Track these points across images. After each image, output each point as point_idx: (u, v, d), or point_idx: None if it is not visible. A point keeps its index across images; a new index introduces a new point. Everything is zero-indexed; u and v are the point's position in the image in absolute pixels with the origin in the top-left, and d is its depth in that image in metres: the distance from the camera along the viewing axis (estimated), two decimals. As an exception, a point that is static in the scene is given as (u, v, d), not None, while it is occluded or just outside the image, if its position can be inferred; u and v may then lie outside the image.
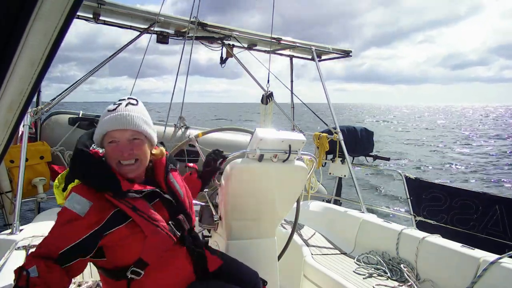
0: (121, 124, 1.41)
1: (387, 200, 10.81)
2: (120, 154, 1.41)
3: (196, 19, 3.91)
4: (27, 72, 0.58)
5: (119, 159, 1.42)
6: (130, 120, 1.42)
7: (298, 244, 2.98)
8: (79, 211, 1.31)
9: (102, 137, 1.44)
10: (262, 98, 4.81)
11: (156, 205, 1.48)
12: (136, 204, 1.40)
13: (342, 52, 5.09)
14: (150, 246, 1.41)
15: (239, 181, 2.03)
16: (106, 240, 1.36)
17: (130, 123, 1.42)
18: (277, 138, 2.04)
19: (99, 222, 1.33)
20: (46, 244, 1.30)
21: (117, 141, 1.42)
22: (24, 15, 0.50)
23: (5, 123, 0.64)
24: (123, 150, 1.41)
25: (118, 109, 1.44)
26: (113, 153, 1.42)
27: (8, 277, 1.75)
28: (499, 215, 3.84)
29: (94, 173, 1.41)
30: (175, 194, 1.58)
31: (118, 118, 1.42)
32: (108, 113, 1.44)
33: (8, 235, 2.33)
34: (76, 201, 1.33)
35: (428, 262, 2.56)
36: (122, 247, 1.40)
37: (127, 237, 1.38)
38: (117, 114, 1.42)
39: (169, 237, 1.45)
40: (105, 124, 1.42)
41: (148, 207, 1.43)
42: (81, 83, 3.87)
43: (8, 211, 3.64)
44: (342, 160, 4.67)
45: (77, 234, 1.30)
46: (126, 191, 1.39)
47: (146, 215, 1.40)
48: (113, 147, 1.42)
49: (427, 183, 4.65)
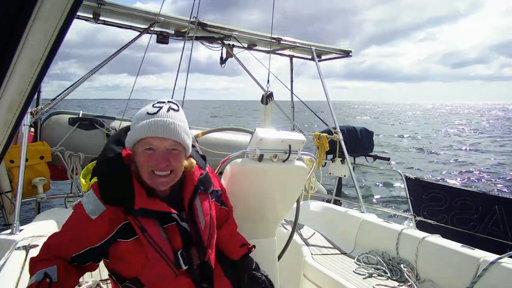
0: (162, 132, 1.27)
1: (387, 200, 10.81)
2: (156, 164, 1.29)
3: (196, 19, 3.91)
4: (27, 72, 0.58)
5: (154, 169, 1.30)
6: (173, 129, 1.29)
7: (298, 244, 2.98)
8: (90, 213, 1.27)
9: (137, 141, 1.31)
10: (262, 98, 4.80)
11: (170, 229, 1.35)
12: (146, 225, 1.29)
13: (342, 52, 5.09)
14: (149, 270, 1.32)
15: (239, 181, 2.03)
16: (112, 248, 1.33)
17: (172, 133, 1.29)
18: (277, 138, 2.04)
19: (109, 232, 1.28)
20: (58, 245, 1.30)
21: (155, 149, 1.30)
22: (24, 15, 0.50)
23: (5, 123, 0.64)
24: (161, 160, 1.29)
25: (159, 114, 1.30)
26: (148, 162, 1.29)
27: (8, 277, 1.75)
28: (499, 215, 3.84)
29: (111, 182, 1.30)
30: (196, 222, 1.41)
31: (160, 124, 1.27)
32: (147, 116, 1.30)
33: (8, 235, 2.33)
34: (91, 201, 1.29)
35: (428, 262, 2.56)
36: (124, 260, 1.35)
37: (130, 253, 1.32)
38: (159, 120, 1.28)
39: (171, 269, 1.32)
40: (144, 128, 1.27)
41: (158, 231, 1.31)
42: (81, 83, 3.87)
43: (8, 211, 3.64)
44: (342, 160, 4.67)
45: (89, 240, 1.28)
46: (138, 209, 1.28)
47: (153, 240, 1.29)
48: (149, 155, 1.29)
49: (427, 183, 4.65)
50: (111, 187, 1.30)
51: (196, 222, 1.42)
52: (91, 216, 1.27)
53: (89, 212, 1.27)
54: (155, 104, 1.34)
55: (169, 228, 1.35)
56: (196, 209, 1.43)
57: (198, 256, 1.40)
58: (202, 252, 1.42)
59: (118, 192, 1.29)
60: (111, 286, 1.50)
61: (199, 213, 1.43)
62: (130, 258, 1.33)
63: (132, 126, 1.35)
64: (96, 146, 4.39)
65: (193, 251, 1.39)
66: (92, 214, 1.27)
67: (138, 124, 1.30)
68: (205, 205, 1.48)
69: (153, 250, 1.30)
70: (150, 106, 1.34)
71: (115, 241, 1.30)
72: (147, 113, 1.31)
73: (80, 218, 1.29)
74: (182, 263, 1.35)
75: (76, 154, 4.12)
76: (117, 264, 1.37)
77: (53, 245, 1.30)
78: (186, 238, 1.38)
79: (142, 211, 1.29)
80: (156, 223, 1.32)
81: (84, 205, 1.30)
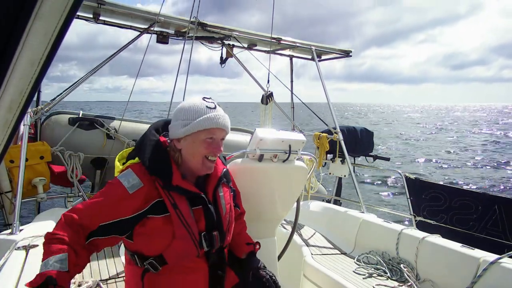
0: (223, 125, 1.49)
1: (387, 200, 10.81)
2: (214, 151, 1.48)
3: (196, 19, 3.91)
4: (27, 72, 0.58)
5: (210, 155, 1.48)
6: (228, 124, 1.52)
7: (298, 244, 2.98)
8: (128, 188, 1.37)
9: (199, 131, 1.45)
10: (262, 98, 4.81)
11: (197, 212, 1.47)
12: (178, 202, 1.41)
13: (342, 52, 5.09)
14: (174, 248, 1.41)
15: (239, 181, 2.03)
16: (140, 224, 1.39)
17: (228, 126, 1.52)
18: (277, 138, 2.04)
19: (143, 207, 1.38)
20: (87, 213, 1.35)
21: (214, 138, 1.49)
22: (24, 15, 0.50)
23: (5, 123, 0.64)
24: (217, 149, 1.49)
25: (218, 110, 1.49)
26: (208, 149, 1.47)
27: (8, 277, 1.75)
28: (499, 215, 3.84)
29: (155, 157, 1.44)
30: (218, 208, 1.54)
31: (222, 118, 1.48)
32: (209, 110, 1.47)
33: (8, 235, 2.33)
34: (129, 177, 1.39)
35: (428, 262, 2.56)
36: (150, 237, 1.41)
37: (158, 229, 1.40)
38: (221, 115, 1.49)
39: (195, 247, 1.43)
40: (210, 120, 1.45)
41: (188, 210, 1.43)
42: (81, 83, 3.87)
43: (8, 211, 3.64)
44: (342, 160, 4.67)
45: (122, 212, 1.36)
46: (175, 185, 1.41)
47: (183, 216, 1.41)
48: (210, 142, 1.47)
49: (427, 183, 4.65)
50: (154, 161, 1.43)
51: (219, 208, 1.54)
52: (129, 191, 1.37)
53: (128, 187, 1.37)
54: (206, 99, 1.51)
55: (196, 210, 1.46)
56: (219, 196, 1.57)
57: (219, 240, 1.50)
58: (223, 237, 1.52)
59: (163, 165, 1.44)
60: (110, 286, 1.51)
61: (221, 201, 1.57)
62: (158, 235, 1.41)
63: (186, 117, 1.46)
64: (96, 146, 4.39)
65: (215, 235, 1.49)
66: (130, 189, 1.37)
67: (203, 116, 1.45)
68: (227, 194, 1.62)
69: (182, 226, 1.40)
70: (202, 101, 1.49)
71: (146, 216, 1.38)
72: (207, 107, 1.48)
73: (117, 191, 1.37)
74: (205, 244, 1.46)
75: (76, 154, 4.12)
76: (143, 242, 1.43)
77: (81, 211, 1.35)
78: (210, 222, 1.49)
79: (177, 188, 1.41)
80: (187, 203, 1.44)
81: (122, 181, 1.39)
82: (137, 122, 4.93)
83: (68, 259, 1.26)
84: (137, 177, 1.40)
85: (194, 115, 1.46)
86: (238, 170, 2.02)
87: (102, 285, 2.25)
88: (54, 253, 1.26)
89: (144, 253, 1.45)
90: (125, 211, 1.36)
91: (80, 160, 4.14)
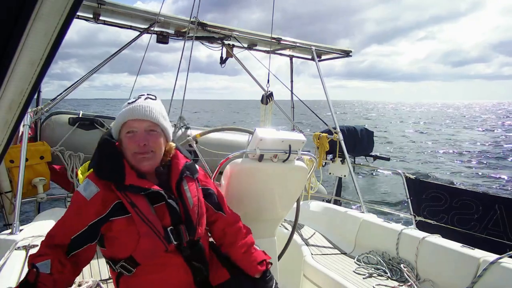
0: (140, 114, 1.46)
1: (387, 200, 10.81)
2: (137, 145, 1.45)
3: (196, 19, 3.91)
4: (27, 72, 0.58)
5: (136, 150, 1.46)
6: (149, 112, 1.47)
7: (298, 244, 2.98)
8: (86, 196, 1.40)
9: (120, 127, 1.49)
10: (262, 98, 4.81)
11: (159, 208, 1.46)
12: (136, 201, 1.41)
13: (342, 52, 5.09)
14: (142, 247, 1.41)
15: (239, 181, 2.03)
16: (105, 228, 1.42)
17: (149, 115, 1.47)
18: (277, 138, 2.04)
19: (104, 210, 1.39)
20: (58, 230, 1.40)
21: (135, 131, 1.47)
22: (24, 15, 0.50)
23: (5, 123, 0.64)
24: (140, 140, 1.45)
25: (137, 102, 1.50)
26: (130, 143, 1.46)
27: (8, 277, 1.75)
28: (499, 215, 3.84)
29: (104, 162, 1.47)
30: (185, 202, 1.52)
31: (137, 108, 1.47)
32: (127, 105, 1.50)
33: (8, 235, 2.33)
34: (86, 187, 1.43)
35: (428, 262, 2.56)
36: (118, 239, 1.44)
37: (123, 230, 1.41)
38: (137, 105, 1.48)
39: (161, 243, 1.42)
40: (124, 113, 1.47)
41: (147, 207, 1.42)
42: (81, 82, 3.87)
43: (8, 211, 3.64)
44: (342, 160, 4.67)
45: (85, 219, 1.38)
46: (128, 185, 1.41)
47: (143, 214, 1.40)
48: (130, 136, 1.46)
49: (427, 183, 4.65)
50: (104, 166, 1.46)
51: (185, 202, 1.52)
52: (86, 197, 1.40)
53: (85, 195, 1.41)
54: (138, 96, 1.54)
55: (158, 207, 1.46)
56: (183, 190, 1.54)
57: (187, 234, 1.48)
58: (192, 230, 1.50)
59: (111, 168, 1.45)
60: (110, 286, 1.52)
61: (187, 195, 1.54)
62: (123, 236, 1.43)
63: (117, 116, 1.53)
64: (96, 146, 4.39)
65: (181, 228, 1.48)
66: (87, 196, 1.40)
67: (120, 112, 1.50)
68: (192, 187, 1.58)
69: (144, 224, 1.40)
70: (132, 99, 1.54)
71: (109, 220, 1.41)
72: (128, 103, 1.51)
73: (77, 201, 1.41)
74: (172, 238, 1.44)
75: (76, 154, 4.11)
76: (112, 246, 1.46)
77: (54, 232, 1.40)
78: (175, 216, 1.48)
79: (132, 187, 1.42)
80: (146, 201, 1.43)
81: (80, 191, 1.43)
82: None
83: (51, 264, 1.30)
84: (93, 184, 1.42)
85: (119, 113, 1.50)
86: (238, 170, 2.02)
87: (102, 285, 2.25)
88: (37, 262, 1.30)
89: (116, 257, 1.46)
90: (87, 218, 1.38)
91: (80, 160, 4.13)
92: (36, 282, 1.23)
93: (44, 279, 1.25)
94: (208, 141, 3.49)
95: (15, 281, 1.71)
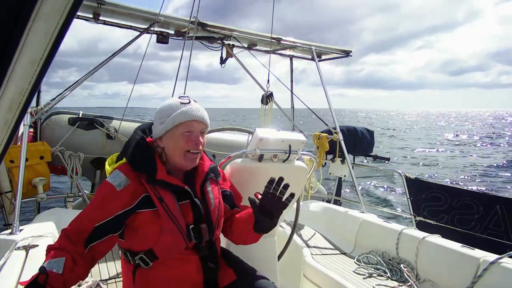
0: (199, 117, 1.52)
1: (387, 200, 10.81)
2: (193, 144, 1.50)
3: (196, 19, 3.91)
4: (27, 72, 0.58)
5: (191, 148, 1.50)
6: (205, 115, 1.55)
7: (298, 244, 2.98)
8: (116, 186, 1.43)
9: (173, 125, 1.49)
10: (262, 98, 4.81)
11: (184, 206, 1.50)
12: (164, 196, 1.45)
13: (342, 52, 5.09)
14: (163, 241, 1.44)
15: (239, 181, 2.03)
16: (130, 220, 1.44)
17: (205, 118, 1.55)
18: (277, 138, 2.04)
19: (131, 202, 1.42)
20: (82, 218, 1.42)
21: (192, 131, 1.51)
22: (24, 15, 0.50)
23: (5, 123, 0.64)
24: (198, 140, 1.51)
25: (192, 103, 1.54)
26: (187, 142, 1.49)
27: (8, 277, 1.74)
28: (500, 215, 3.83)
29: (138, 155, 1.49)
30: (207, 203, 1.57)
31: (196, 111, 1.52)
32: (183, 105, 1.52)
33: (8, 235, 2.33)
34: (117, 177, 1.45)
35: (428, 262, 2.56)
36: (140, 231, 1.46)
37: (147, 223, 1.44)
38: (195, 107, 1.53)
39: (183, 239, 1.46)
40: (184, 114, 1.49)
41: (174, 203, 1.46)
42: (81, 83, 3.87)
43: (8, 211, 3.64)
44: (342, 160, 4.67)
45: (113, 209, 1.41)
46: (158, 179, 1.45)
47: (169, 209, 1.44)
48: (188, 136, 1.50)
49: (427, 183, 4.65)
50: (138, 158, 1.49)
51: (207, 203, 1.57)
52: (116, 188, 1.42)
53: (115, 185, 1.43)
54: (181, 97, 1.56)
55: (183, 205, 1.50)
56: (207, 191, 1.59)
57: (207, 233, 1.53)
58: (211, 230, 1.55)
59: (145, 162, 1.48)
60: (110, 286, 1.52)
61: (210, 195, 1.59)
62: (146, 229, 1.45)
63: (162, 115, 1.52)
64: (96, 146, 4.39)
65: (203, 227, 1.52)
66: (118, 186, 1.43)
67: (177, 111, 1.49)
68: (215, 189, 1.64)
69: (168, 219, 1.43)
70: (177, 99, 1.55)
71: (135, 212, 1.43)
72: (181, 103, 1.52)
73: (107, 191, 1.43)
74: (193, 236, 1.48)
75: (76, 154, 4.12)
76: (133, 237, 1.48)
77: (78, 220, 1.42)
78: (198, 215, 1.52)
79: (162, 183, 1.46)
80: (173, 197, 1.47)
81: (111, 181, 1.45)
82: (137, 122, 4.94)
83: (65, 263, 1.31)
84: (124, 176, 1.45)
85: (169, 112, 1.50)
86: (238, 170, 2.02)
87: (102, 285, 2.25)
88: (52, 257, 1.32)
89: (135, 249, 1.49)
90: (115, 208, 1.41)
91: (80, 160, 4.14)
92: (45, 284, 1.24)
93: (54, 281, 1.26)
94: (208, 141, 3.47)
95: (15, 281, 1.71)
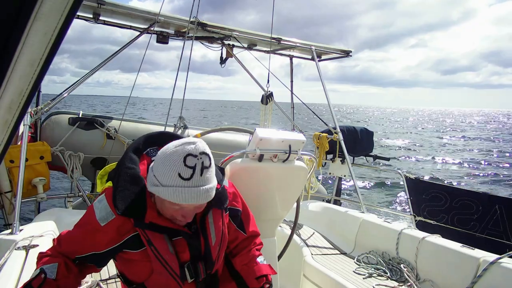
0: (198, 201, 1.24)
1: (387, 200, 10.81)
2: (181, 218, 1.30)
3: (196, 19, 3.91)
4: (27, 72, 0.58)
5: (177, 220, 1.32)
6: (208, 197, 1.25)
7: (298, 244, 2.98)
8: (100, 219, 1.29)
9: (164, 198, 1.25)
10: (262, 98, 4.81)
11: (179, 242, 1.36)
12: (153, 239, 1.31)
13: (342, 52, 5.09)
14: (155, 279, 1.36)
15: (239, 181, 2.02)
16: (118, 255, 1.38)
17: (205, 198, 1.25)
18: (277, 138, 2.04)
19: (117, 240, 1.30)
20: (67, 244, 1.34)
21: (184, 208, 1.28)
22: (24, 15, 0.50)
23: (4, 123, 0.64)
24: (187, 216, 1.30)
25: (193, 181, 1.21)
26: (174, 213, 1.29)
27: (8, 277, 1.74)
28: (499, 215, 3.84)
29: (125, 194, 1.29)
30: (207, 237, 1.41)
31: (195, 194, 1.21)
32: (182, 181, 1.20)
33: (8, 235, 2.33)
34: (102, 207, 1.31)
35: (428, 262, 2.56)
36: (130, 266, 1.39)
37: (137, 262, 1.35)
38: (194, 190, 1.21)
39: (175, 282, 1.35)
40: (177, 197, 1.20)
41: (165, 245, 1.32)
42: (81, 82, 3.87)
43: (8, 211, 3.64)
44: (342, 160, 4.67)
45: (95, 245, 1.31)
46: (148, 223, 1.29)
47: (159, 254, 1.31)
48: (176, 210, 1.28)
49: (427, 183, 4.65)
50: (124, 199, 1.28)
51: (207, 237, 1.42)
52: (100, 223, 1.29)
53: (98, 218, 1.29)
54: (187, 161, 1.20)
55: (178, 241, 1.36)
56: (208, 225, 1.43)
57: (204, 270, 1.42)
58: (210, 266, 1.44)
59: (131, 205, 1.28)
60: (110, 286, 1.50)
61: (211, 230, 1.43)
62: (135, 267, 1.37)
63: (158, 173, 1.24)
64: (96, 146, 4.39)
65: (200, 265, 1.40)
66: (101, 220, 1.29)
67: (171, 186, 1.20)
68: (218, 222, 1.46)
69: (158, 263, 1.32)
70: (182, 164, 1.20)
71: (121, 250, 1.33)
72: (180, 176, 1.20)
73: (89, 223, 1.31)
74: (188, 276, 1.37)
75: (76, 154, 4.12)
76: (125, 266, 1.41)
77: (63, 241, 1.35)
78: (195, 252, 1.40)
79: (151, 226, 1.30)
80: (164, 238, 1.33)
81: (95, 210, 1.32)
82: (137, 122, 4.94)
83: (58, 268, 1.27)
84: (108, 207, 1.29)
85: (164, 179, 1.21)
86: (238, 170, 2.02)
87: (102, 285, 2.24)
88: (45, 263, 1.29)
89: (127, 277, 1.42)
90: (97, 245, 1.30)
91: (80, 160, 4.14)
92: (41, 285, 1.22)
93: (48, 286, 1.23)
94: (208, 141, 3.46)
95: (15, 281, 1.71)
